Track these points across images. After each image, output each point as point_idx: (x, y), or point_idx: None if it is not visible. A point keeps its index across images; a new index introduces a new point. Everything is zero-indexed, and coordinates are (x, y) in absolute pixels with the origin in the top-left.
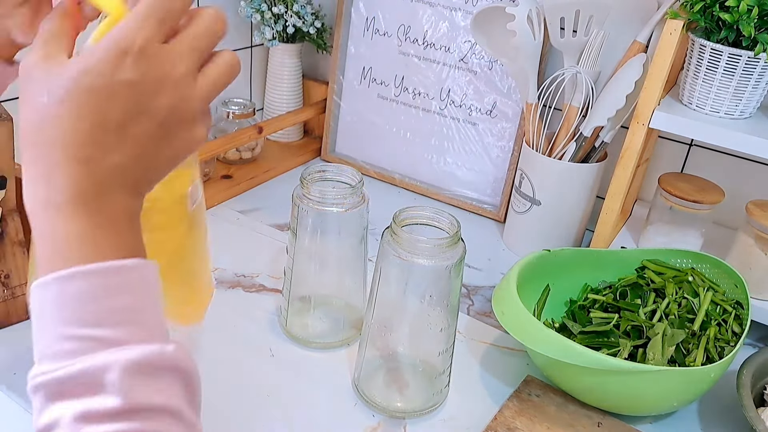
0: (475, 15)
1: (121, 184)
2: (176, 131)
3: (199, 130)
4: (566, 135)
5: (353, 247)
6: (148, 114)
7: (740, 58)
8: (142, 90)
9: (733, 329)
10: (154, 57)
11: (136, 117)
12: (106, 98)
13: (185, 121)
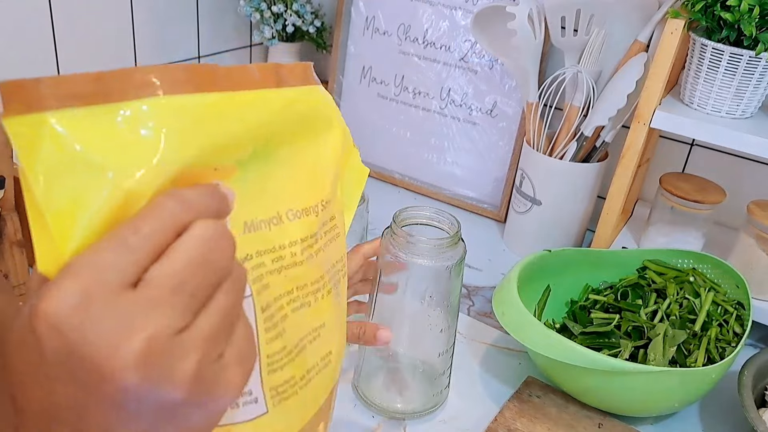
0: (476, 14)
1: None
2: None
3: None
4: (567, 135)
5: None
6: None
7: (741, 58)
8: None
9: (735, 330)
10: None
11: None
12: (45, 382)
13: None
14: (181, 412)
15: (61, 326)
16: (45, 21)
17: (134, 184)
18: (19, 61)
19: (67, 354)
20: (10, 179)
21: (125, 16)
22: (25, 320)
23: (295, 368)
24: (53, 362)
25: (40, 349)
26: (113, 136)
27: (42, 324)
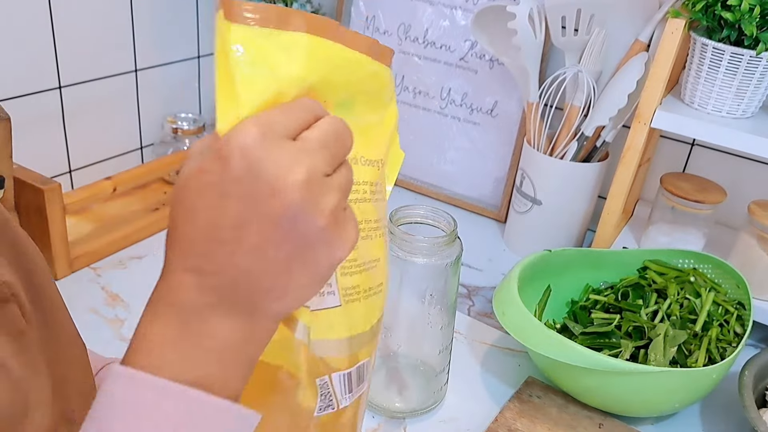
0: (476, 14)
1: (232, 305)
2: (306, 251)
3: (337, 248)
4: (567, 134)
5: None
6: (264, 220)
7: (742, 58)
8: (254, 194)
9: (735, 330)
10: (265, 160)
11: (250, 222)
12: (218, 200)
13: (317, 233)
14: (316, 246)
15: (247, 151)
16: (44, 20)
17: (283, 82)
18: (19, 59)
19: (247, 172)
20: (10, 179)
21: (125, 15)
22: (212, 151)
23: (360, 280)
24: (233, 180)
25: (224, 170)
26: (276, 49)
27: (234, 149)
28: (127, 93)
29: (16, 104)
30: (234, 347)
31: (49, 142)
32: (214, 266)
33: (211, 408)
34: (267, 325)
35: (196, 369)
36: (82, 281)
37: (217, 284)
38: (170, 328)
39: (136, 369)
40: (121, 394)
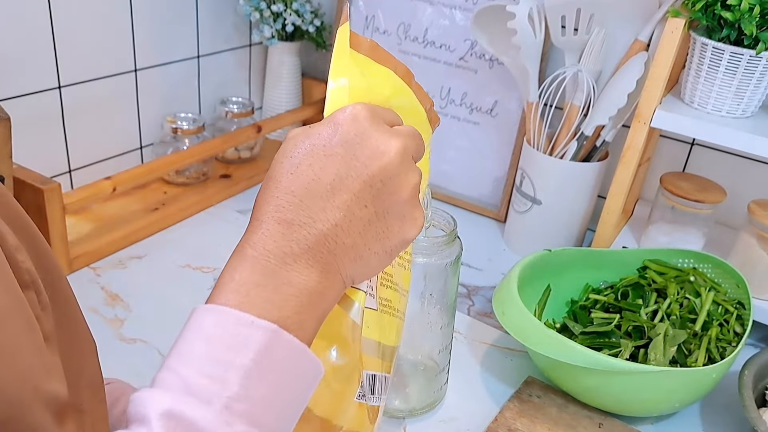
0: (476, 13)
1: (313, 257)
2: (386, 217)
3: (410, 225)
4: (567, 134)
5: None
6: (359, 179)
7: (742, 57)
8: (357, 155)
9: (735, 329)
10: (371, 128)
11: (346, 179)
12: (322, 158)
13: (397, 204)
14: (393, 216)
15: (358, 120)
16: (44, 19)
17: (377, 97)
18: (19, 59)
19: (355, 136)
20: (10, 179)
21: (125, 15)
22: (323, 121)
23: (392, 296)
24: (340, 142)
25: (335, 134)
26: (378, 75)
27: (348, 116)
28: (126, 93)
29: (15, 104)
30: (309, 298)
31: (49, 142)
32: (306, 218)
33: (289, 347)
34: (339, 284)
35: (277, 311)
36: (82, 281)
37: (304, 236)
38: (255, 274)
39: (222, 305)
40: (210, 323)
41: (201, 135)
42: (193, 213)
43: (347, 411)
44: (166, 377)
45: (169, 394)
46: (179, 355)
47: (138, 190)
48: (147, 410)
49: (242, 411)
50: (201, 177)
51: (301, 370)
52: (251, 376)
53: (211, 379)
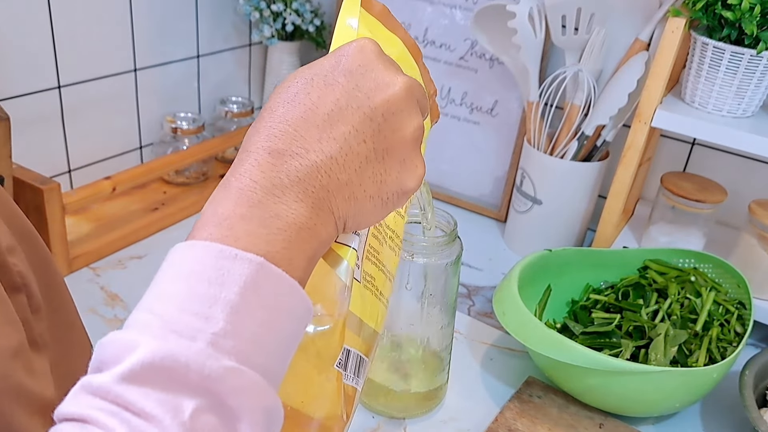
0: (476, 13)
1: (304, 191)
2: (385, 158)
3: (409, 173)
4: (568, 134)
5: None
6: (360, 111)
7: (743, 57)
8: (360, 85)
9: (736, 329)
10: (377, 61)
11: (346, 110)
12: (322, 87)
13: (398, 144)
14: (393, 158)
15: (364, 51)
16: (44, 20)
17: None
18: (19, 59)
19: (359, 66)
20: (9, 179)
21: (124, 15)
22: (328, 55)
23: (376, 274)
24: (343, 71)
25: (338, 63)
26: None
27: (354, 47)
28: (126, 92)
29: (15, 104)
30: (299, 234)
31: (49, 142)
32: (299, 149)
33: (277, 281)
34: (330, 223)
35: (264, 245)
36: (81, 281)
37: (296, 167)
38: (240, 206)
39: (204, 240)
40: (189, 259)
41: (201, 135)
42: (193, 213)
43: (322, 389)
44: (141, 317)
45: (144, 333)
46: (155, 296)
47: (138, 190)
48: (118, 351)
49: (230, 348)
50: (201, 177)
51: (291, 307)
52: (238, 311)
53: (194, 315)
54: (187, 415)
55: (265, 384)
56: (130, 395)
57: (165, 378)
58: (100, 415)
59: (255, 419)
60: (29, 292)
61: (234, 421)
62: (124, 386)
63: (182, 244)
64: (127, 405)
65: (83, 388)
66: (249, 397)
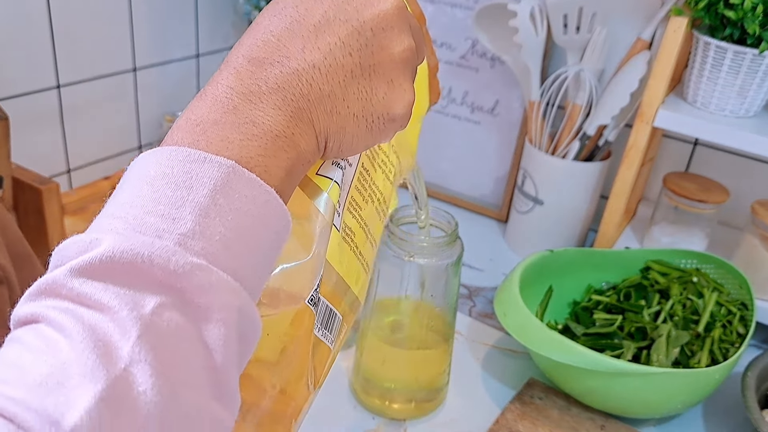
0: (477, 11)
1: (282, 98)
2: (372, 75)
3: (397, 96)
4: (569, 133)
5: None
6: (348, 24)
7: (745, 56)
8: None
9: (738, 331)
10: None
11: (333, 22)
12: (311, 1)
13: (386, 63)
14: (380, 76)
15: None
16: (43, 19)
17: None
18: (18, 58)
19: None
20: (8, 179)
21: (124, 14)
22: None
23: (357, 229)
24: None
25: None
26: None
27: None
28: (125, 92)
29: (14, 103)
30: (275, 142)
31: (48, 142)
32: (280, 57)
33: (251, 186)
34: (311, 135)
35: (237, 150)
36: None
37: (275, 74)
38: (214, 112)
39: (172, 145)
40: (155, 163)
41: None
42: None
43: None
44: (102, 223)
45: (106, 234)
46: (117, 202)
47: None
48: (77, 250)
49: (198, 249)
50: None
51: (266, 215)
52: (208, 214)
53: (161, 217)
54: (148, 309)
55: (237, 286)
56: (85, 288)
57: (126, 273)
58: (50, 312)
59: (224, 321)
60: (10, 285)
61: (200, 320)
62: (80, 280)
63: (147, 151)
64: (81, 299)
65: (37, 288)
66: (218, 296)
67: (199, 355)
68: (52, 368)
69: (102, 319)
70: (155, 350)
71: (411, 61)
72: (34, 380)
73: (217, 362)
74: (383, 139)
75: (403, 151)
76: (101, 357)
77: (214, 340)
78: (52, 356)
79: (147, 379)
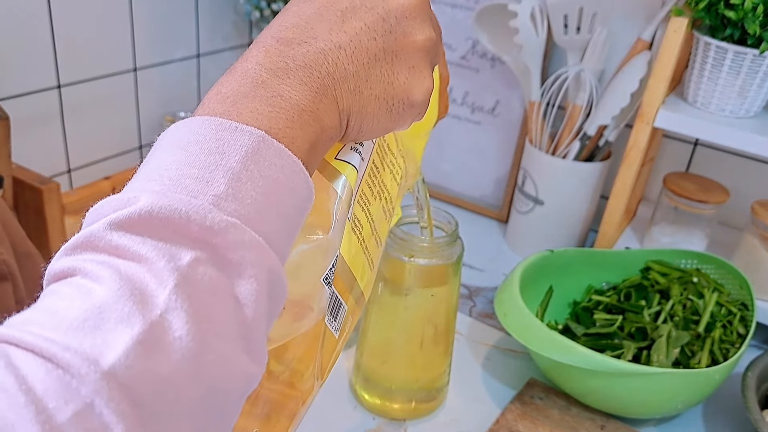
0: (478, 12)
1: (309, 75)
2: (394, 60)
3: (417, 82)
4: (570, 134)
5: None
6: (374, 11)
7: (745, 56)
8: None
9: (738, 331)
10: None
11: (360, 9)
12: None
13: (408, 50)
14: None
15: None
16: (44, 18)
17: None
18: (18, 58)
19: None
20: (9, 179)
21: (124, 14)
22: None
23: (365, 222)
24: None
25: None
26: None
27: None
28: (126, 92)
29: (15, 103)
30: (301, 116)
31: (48, 142)
32: (308, 38)
33: (279, 155)
34: (334, 112)
35: (267, 121)
36: None
37: (303, 53)
38: (244, 86)
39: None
40: (187, 132)
41: None
42: None
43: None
44: (137, 185)
45: (143, 193)
46: (150, 167)
47: None
48: (114, 206)
49: (232, 210)
50: None
51: (294, 184)
52: (240, 179)
53: (195, 179)
54: (184, 262)
55: (268, 247)
56: (122, 241)
57: (163, 228)
58: (87, 265)
59: (256, 278)
60: (14, 281)
61: (234, 276)
62: (118, 234)
63: (179, 122)
64: (118, 251)
65: (73, 243)
66: (250, 253)
67: (232, 308)
68: (88, 313)
69: (139, 270)
70: (190, 299)
71: (432, 50)
72: (70, 324)
73: (248, 317)
74: (401, 124)
75: (409, 158)
76: (138, 304)
77: (246, 295)
78: (89, 303)
79: (182, 326)
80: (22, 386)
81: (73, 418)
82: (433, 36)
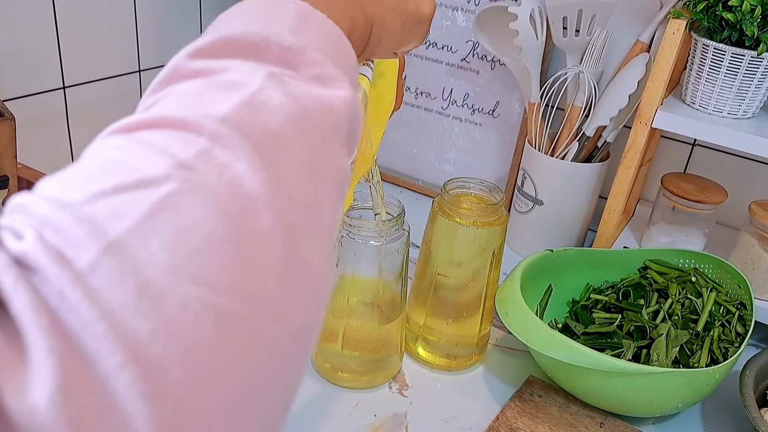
0: (478, 14)
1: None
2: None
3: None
4: (569, 135)
5: None
6: None
7: (743, 58)
8: None
9: (737, 330)
10: None
11: None
12: None
13: None
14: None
15: None
16: (49, 20)
17: None
18: (23, 60)
19: None
20: (14, 179)
21: (129, 15)
22: None
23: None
24: None
25: None
26: None
27: None
28: (131, 93)
29: (20, 104)
30: (336, 13)
31: (54, 143)
32: None
33: (323, 21)
34: (360, 16)
35: (308, 3)
36: None
37: None
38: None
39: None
40: (239, 6)
41: None
42: None
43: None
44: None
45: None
46: (216, 26)
47: None
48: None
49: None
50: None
51: (341, 42)
52: (298, 30)
53: (260, 26)
54: (275, 71)
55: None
56: (207, 63)
57: (245, 49)
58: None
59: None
60: None
61: (319, 87)
62: (201, 60)
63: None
64: (203, 72)
65: (158, 80)
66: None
67: (320, 106)
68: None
69: (228, 75)
70: (283, 85)
71: None
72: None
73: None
74: (412, 40)
75: (366, 137)
76: (233, 86)
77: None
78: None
79: (281, 97)
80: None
81: (196, 156)
82: None
